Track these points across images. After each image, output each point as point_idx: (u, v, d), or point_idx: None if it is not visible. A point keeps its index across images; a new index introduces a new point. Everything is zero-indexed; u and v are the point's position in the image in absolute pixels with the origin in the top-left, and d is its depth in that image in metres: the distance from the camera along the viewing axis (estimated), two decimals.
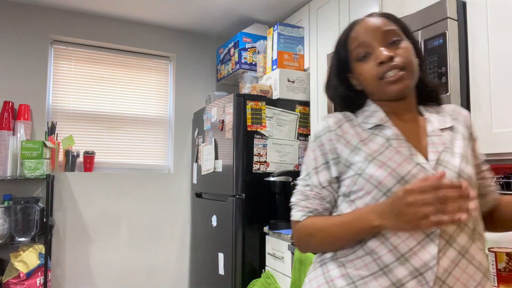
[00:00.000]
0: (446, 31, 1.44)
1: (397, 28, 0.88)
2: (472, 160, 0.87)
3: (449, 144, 0.85)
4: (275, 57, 2.62)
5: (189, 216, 3.17)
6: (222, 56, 3.17)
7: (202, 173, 2.81)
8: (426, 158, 0.82)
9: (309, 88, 2.55)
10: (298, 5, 2.74)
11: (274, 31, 2.66)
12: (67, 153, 2.80)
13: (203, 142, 2.86)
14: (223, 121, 2.51)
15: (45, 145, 2.48)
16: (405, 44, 0.86)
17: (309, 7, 2.58)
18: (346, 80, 0.94)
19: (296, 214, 0.88)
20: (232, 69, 2.96)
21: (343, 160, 0.86)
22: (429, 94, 0.95)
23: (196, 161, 3.01)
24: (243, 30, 2.91)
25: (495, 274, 1.11)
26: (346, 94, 0.94)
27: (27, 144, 2.42)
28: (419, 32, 1.54)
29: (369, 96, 0.93)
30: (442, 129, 0.88)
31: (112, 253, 2.88)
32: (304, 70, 2.63)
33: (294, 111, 2.54)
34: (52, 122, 2.76)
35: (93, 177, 2.86)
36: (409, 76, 0.84)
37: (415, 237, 0.76)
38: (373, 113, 0.90)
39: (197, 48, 3.33)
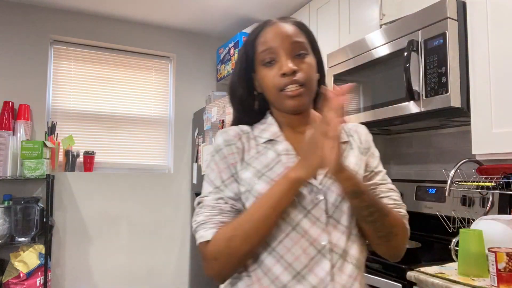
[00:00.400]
0: (446, 31, 1.44)
1: (306, 42, 0.87)
2: (364, 176, 0.88)
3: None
4: None
5: (189, 216, 3.17)
6: (222, 56, 3.17)
7: (202, 173, 2.81)
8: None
9: None
10: (298, 5, 2.74)
11: None
12: (67, 153, 2.80)
13: (203, 142, 2.86)
14: (223, 121, 2.51)
15: (45, 145, 2.48)
16: (310, 59, 0.86)
17: (309, 7, 2.58)
18: (250, 79, 0.91)
19: (206, 234, 0.78)
20: (232, 69, 2.95)
21: (238, 174, 0.83)
22: None
23: (196, 161, 3.01)
24: (243, 30, 2.91)
25: (495, 274, 1.11)
26: (245, 95, 0.92)
27: (27, 144, 2.42)
28: (419, 32, 1.54)
29: (268, 102, 0.92)
30: None
31: (112, 253, 2.88)
32: None
33: None
34: (52, 122, 2.76)
35: (93, 177, 2.86)
36: (307, 93, 0.84)
37: (308, 252, 0.75)
38: (268, 126, 0.90)
39: (197, 48, 3.33)
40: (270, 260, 0.77)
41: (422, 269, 1.31)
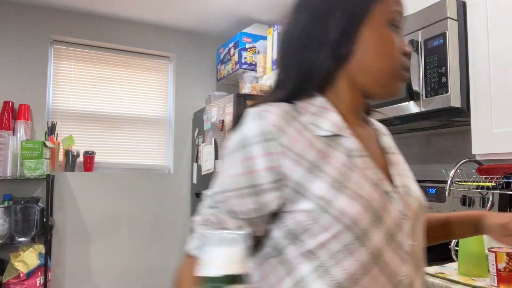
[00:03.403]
0: (446, 31, 1.44)
1: None
2: None
3: (403, 165, 0.72)
4: (275, 57, 2.62)
5: (189, 216, 3.17)
6: (222, 56, 3.17)
7: (202, 173, 2.81)
8: (391, 183, 0.65)
9: None
10: None
11: (274, 31, 2.66)
12: (67, 153, 2.80)
13: (203, 142, 2.86)
14: (223, 121, 2.51)
15: (45, 145, 2.48)
16: None
17: None
18: (351, 34, 0.64)
19: (190, 244, 0.62)
20: (232, 69, 2.95)
21: (292, 184, 0.58)
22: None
23: (196, 161, 3.01)
24: (243, 30, 2.91)
25: (495, 274, 1.11)
26: (335, 45, 0.63)
27: (27, 144, 2.42)
28: (419, 32, 1.54)
29: (351, 74, 0.66)
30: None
31: (112, 253, 2.88)
32: None
33: None
34: (52, 122, 2.76)
35: (93, 177, 2.86)
36: None
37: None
38: (322, 111, 0.63)
39: (197, 48, 3.33)
40: None
41: None
